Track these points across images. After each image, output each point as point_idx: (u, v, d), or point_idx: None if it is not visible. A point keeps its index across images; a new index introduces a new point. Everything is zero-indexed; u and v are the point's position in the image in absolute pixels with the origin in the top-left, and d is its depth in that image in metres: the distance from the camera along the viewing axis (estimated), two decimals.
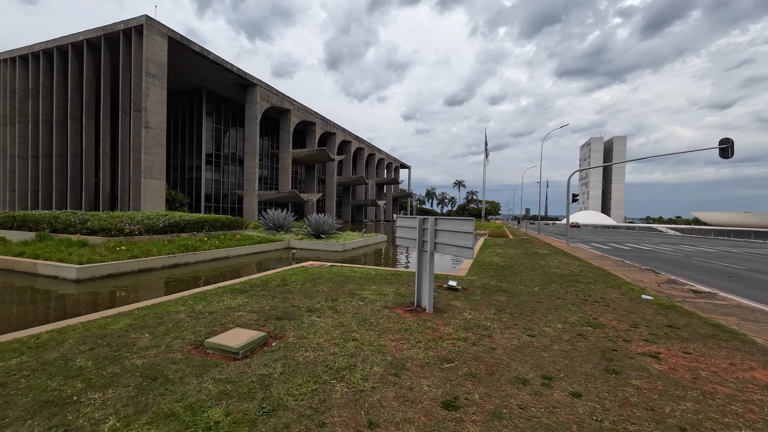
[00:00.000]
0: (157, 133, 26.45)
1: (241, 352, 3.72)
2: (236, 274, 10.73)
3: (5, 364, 3.39)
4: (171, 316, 5.03)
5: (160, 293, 8.06)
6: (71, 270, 8.66)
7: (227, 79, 34.92)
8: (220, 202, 39.96)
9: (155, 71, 25.88)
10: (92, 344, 3.94)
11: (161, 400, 2.81)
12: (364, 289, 7.12)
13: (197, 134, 37.79)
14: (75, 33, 28.37)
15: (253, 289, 6.91)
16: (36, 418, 2.53)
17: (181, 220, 15.75)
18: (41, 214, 15.15)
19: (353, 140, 59.77)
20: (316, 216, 18.60)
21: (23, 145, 31.74)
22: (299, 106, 43.76)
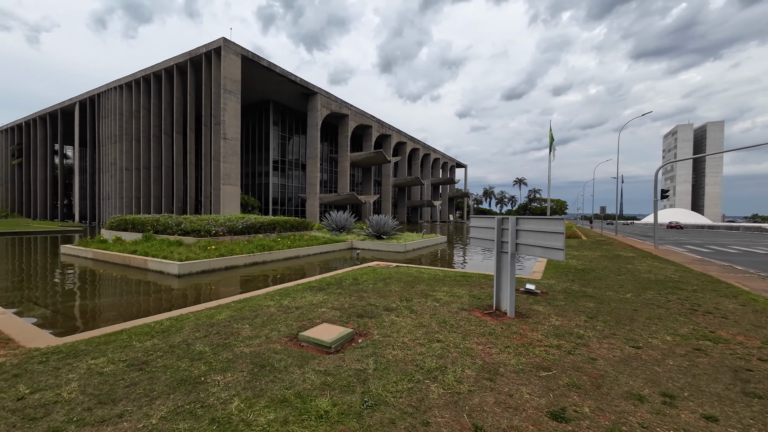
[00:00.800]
0: (233, 144, 29.18)
1: (333, 346, 3.91)
2: (309, 273, 11.37)
3: (143, 345, 3.97)
4: (263, 309, 5.48)
5: (247, 288, 8.84)
6: (174, 266, 9.91)
7: (291, 90, 37.30)
8: (285, 205, 42.79)
9: (231, 87, 28.60)
10: (205, 332, 4.44)
11: (273, 386, 3.06)
12: (435, 290, 7.06)
13: (265, 143, 40.94)
14: (167, 59, 32.55)
15: (329, 287, 7.25)
16: (176, 393, 2.92)
17: (257, 222, 17.14)
18: (146, 217, 17.58)
19: (408, 141, 59.92)
20: (377, 217, 18.95)
21: (129, 159, 37.23)
22: (356, 111, 45.09)
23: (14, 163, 53.67)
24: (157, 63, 33.59)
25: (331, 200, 42.14)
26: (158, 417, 2.57)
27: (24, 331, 4.60)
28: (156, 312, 6.55)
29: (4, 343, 4.10)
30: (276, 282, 9.47)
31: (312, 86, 37.20)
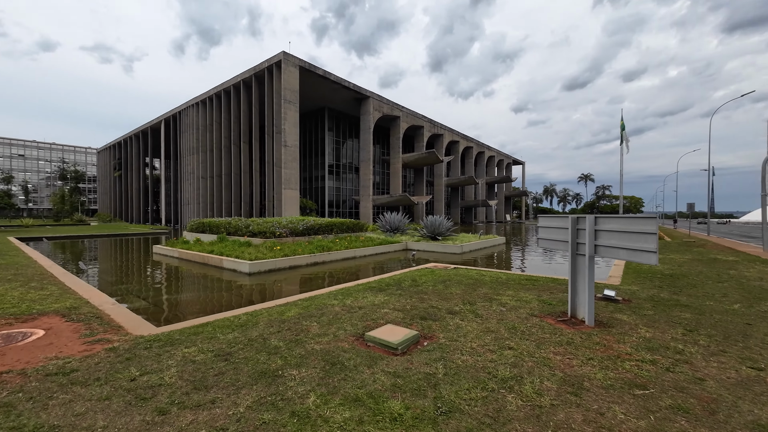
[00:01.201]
0: (293, 150, 30.94)
1: (399, 348, 3.89)
2: (367, 273, 11.58)
3: (226, 338, 4.32)
4: (329, 308, 5.67)
5: (311, 287, 9.26)
6: (245, 265, 10.75)
7: (345, 96, 38.53)
8: (340, 207, 44.27)
9: (290, 97, 30.39)
10: (278, 327, 4.71)
11: (345, 384, 3.11)
12: (499, 293, 6.72)
13: (321, 148, 42.79)
14: (234, 76, 35.63)
15: (389, 288, 7.28)
16: (258, 384, 3.11)
17: (315, 224, 17.93)
18: (219, 221, 19.36)
19: (461, 140, 58.44)
20: (432, 218, 18.71)
21: (204, 168, 41.42)
22: (407, 112, 45.14)
23: (116, 175, 62.82)
24: (226, 80, 36.92)
25: (384, 202, 42.63)
26: (245, 406, 2.76)
27: (131, 320, 5.28)
28: (233, 307, 7.12)
29: (116, 329, 4.75)
30: (336, 282, 9.78)
31: (364, 91, 38.05)
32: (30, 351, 3.90)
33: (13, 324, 4.86)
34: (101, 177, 72.62)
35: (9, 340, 4.25)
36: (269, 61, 31.53)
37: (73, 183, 65.23)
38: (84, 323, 4.93)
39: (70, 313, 5.40)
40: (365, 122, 39.62)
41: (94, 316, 5.31)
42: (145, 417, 2.61)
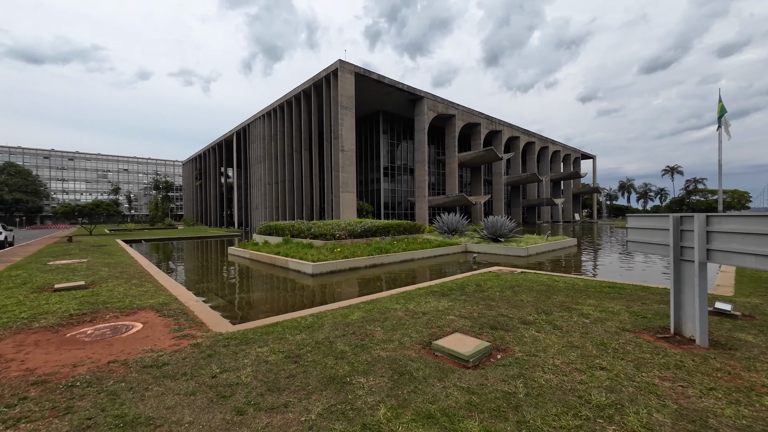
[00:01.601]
0: (350, 155, 31.83)
1: (471, 360, 3.60)
2: (426, 276, 11.32)
3: (294, 339, 4.42)
4: (391, 313, 5.55)
5: (371, 289, 9.30)
6: (308, 266, 11.19)
7: (398, 98, 38.67)
8: (395, 209, 44.46)
9: (347, 103, 31.32)
10: (342, 331, 4.71)
11: (415, 398, 2.93)
12: (578, 303, 6.02)
13: (376, 151, 43.45)
14: (295, 88, 37.82)
15: (451, 292, 6.96)
16: (327, 390, 3.07)
17: (373, 226, 18.13)
18: (284, 224, 20.57)
19: (521, 135, 55.11)
20: (493, 218, 17.78)
21: (269, 175, 44.61)
22: (463, 110, 43.83)
23: (197, 184, 70.67)
24: (288, 92, 39.36)
25: (440, 202, 41.83)
26: (316, 413, 2.72)
27: (211, 317, 5.72)
28: (299, 307, 7.37)
29: (199, 326, 5.15)
30: (396, 284, 9.69)
31: (418, 91, 37.80)
32: (131, 343, 4.37)
33: (119, 317, 5.54)
34: (186, 186, 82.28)
35: (116, 332, 4.83)
36: (326, 70, 32.87)
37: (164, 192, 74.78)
38: (173, 318, 5.44)
39: (162, 309, 6.02)
40: (419, 123, 39.32)
41: (181, 312, 5.85)
42: (225, 416, 2.70)
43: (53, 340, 4.50)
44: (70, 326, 5.07)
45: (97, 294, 7.02)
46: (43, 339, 4.52)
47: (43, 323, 5.10)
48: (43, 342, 4.41)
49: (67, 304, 6.19)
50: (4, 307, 5.97)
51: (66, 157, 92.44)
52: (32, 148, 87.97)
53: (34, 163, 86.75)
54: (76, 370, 3.48)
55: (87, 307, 6.01)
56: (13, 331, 4.78)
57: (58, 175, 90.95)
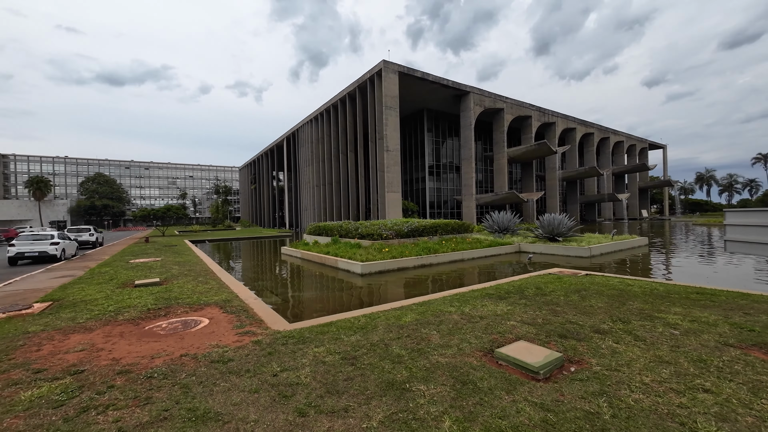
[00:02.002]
0: (395, 154, 31.83)
1: (542, 372, 3.27)
2: (478, 277, 10.86)
3: (349, 340, 4.38)
4: (446, 316, 5.32)
5: (420, 290, 9.12)
6: (357, 266, 11.28)
7: (443, 95, 37.89)
8: (441, 208, 43.65)
9: (391, 103, 31.36)
10: (396, 333, 4.58)
11: (482, 411, 2.71)
12: (661, 310, 5.30)
13: (420, 149, 43.01)
14: (340, 91, 38.72)
15: (509, 295, 6.53)
16: (387, 397, 2.96)
17: (420, 225, 17.88)
18: (332, 224, 21.09)
19: (578, 126, 51.16)
20: (550, 216, 16.61)
21: (317, 177, 46.21)
22: (512, 103, 41.77)
23: (252, 188, 75.52)
24: (333, 96, 40.42)
25: (488, 200, 40.26)
26: (377, 420, 2.62)
27: (268, 314, 5.92)
28: (350, 307, 7.42)
29: (258, 323, 5.35)
30: (446, 285, 9.39)
31: (463, 86, 36.74)
32: (199, 337, 4.64)
33: (188, 312, 5.95)
34: (242, 190, 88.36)
35: (186, 326, 5.18)
36: (370, 72, 33.20)
37: (223, 196, 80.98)
38: (235, 315, 5.72)
39: (225, 306, 6.37)
40: (465, 119, 38.18)
41: (242, 309, 6.14)
42: (288, 416, 2.70)
43: (135, 332, 4.94)
44: (148, 320, 5.54)
45: (169, 290, 7.66)
46: (127, 331, 4.98)
47: (126, 316, 5.64)
48: (127, 333, 4.86)
49: (145, 299, 6.81)
50: (95, 301, 6.73)
51: (143, 167, 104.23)
52: (116, 160, 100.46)
53: (118, 173, 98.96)
54: (153, 362, 3.75)
55: (162, 302, 6.56)
56: (102, 322, 5.34)
57: (137, 183, 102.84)
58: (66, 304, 6.59)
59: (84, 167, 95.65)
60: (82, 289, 7.97)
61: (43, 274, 11.10)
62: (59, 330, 4.95)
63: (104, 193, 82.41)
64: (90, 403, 2.89)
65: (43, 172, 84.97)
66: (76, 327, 5.10)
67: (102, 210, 79.59)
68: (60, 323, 5.29)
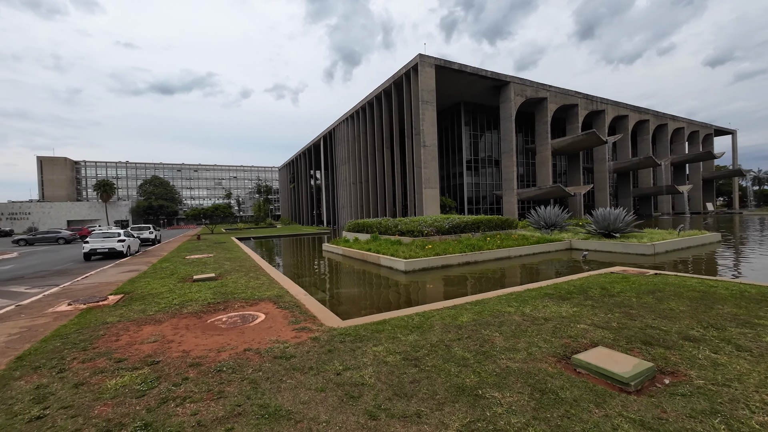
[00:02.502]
0: (432, 150, 31.31)
1: (632, 384, 2.92)
2: (529, 276, 10.32)
3: (407, 339, 4.24)
4: (506, 317, 5.01)
5: (470, 289, 8.80)
6: (401, 263, 11.15)
7: (481, 86, 36.63)
8: (479, 204, 42.39)
9: (428, 98, 30.84)
10: (455, 334, 4.37)
11: (572, 426, 2.43)
12: (760, 316, 4.63)
13: (458, 144, 41.99)
14: (375, 89, 38.73)
15: (571, 296, 6.05)
16: (459, 403, 2.77)
17: (461, 221, 17.38)
18: (372, 221, 21.15)
19: (630, 113, 47.29)
20: (604, 211, 15.42)
21: (353, 175, 46.73)
22: (556, 91, 39.45)
23: (291, 187, 78.17)
24: (369, 93, 40.54)
25: (531, 195, 38.46)
26: (455, 429, 2.44)
27: (320, 311, 5.95)
28: (399, 304, 7.30)
29: (312, 319, 5.37)
30: (494, 283, 9.00)
31: (503, 76, 35.26)
32: (258, 332, 4.74)
33: (245, 307, 6.14)
34: (281, 189, 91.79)
35: (245, 321, 5.32)
36: (406, 66, 32.84)
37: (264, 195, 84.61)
38: (289, 311, 5.80)
39: (278, 301, 6.50)
40: (505, 110, 36.65)
41: (294, 305, 6.23)
42: (359, 419, 2.60)
43: (198, 325, 5.15)
44: (209, 313, 5.77)
45: (225, 285, 7.99)
46: (191, 323, 5.21)
47: (190, 309, 5.92)
48: (192, 326, 5.08)
49: (204, 293, 7.14)
50: (160, 294, 7.17)
51: (192, 169, 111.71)
52: (169, 163, 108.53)
53: (171, 175, 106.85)
54: (220, 356, 3.84)
55: (219, 296, 6.84)
56: (169, 315, 5.64)
57: (187, 184, 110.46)
58: (136, 296, 7.09)
59: (142, 170, 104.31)
60: (147, 283, 8.56)
61: (113, 268, 12.12)
62: (133, 321, 5.30)
63: (160, 194, 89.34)
64: (168, 394, 2.99)
65: (108, 176, 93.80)
66: (147, 319, 5.43)
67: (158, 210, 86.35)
68: (133, 315, 5.67)
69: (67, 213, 73.50)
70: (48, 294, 7.99)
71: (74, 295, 7.67)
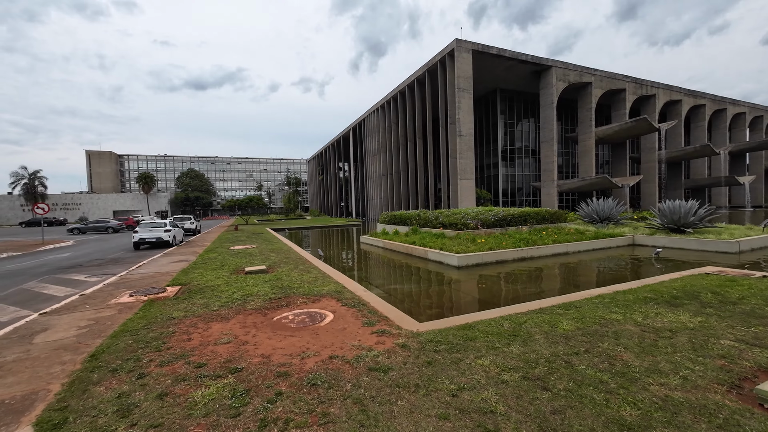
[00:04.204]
0: (468, 140, 30.08)
1: None
2: (600, 275, 9.39)
3: (509, 350, 3.62)
4: (616, 325, 4.28)
5: (537, 288, 8.04)
6: (453, 258, 10.49)
7: (519, 72, 34.67)
8: (514, 196, 40.63)
9: (464, 85, 29.52)
10: (566, 347, 3.70)
11: None
12: None
13: (493, 133, 40.25)
14: (408, 77, 37.66)
15: (679, 301, 5.19)
16: None
17: (507, 214, 16.41)
18: (409, 213, 20.52)
19: (684, 97, 43.40)
20: (673, 203, 13.95)
21: (383, 166, 46.13)
22: (602, 75, 36.73)
23: (320, 179, 78.81)
24: (401, 82, 39.52)
25: (573, 187, 36.32)
26: None
27: (389, 310, 5.44)
28: (466, 303, 6.70)
29: (384, 320, 4.87)
30: (564, 282, 8.18)
31: (544, 60, 33.15)
32: (334, 334, 4.28)
33: (308, 303, 5.75)
34: (310, 181, 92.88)
35: (313, 320, 4.91)
36: (441, 53, 31.57)
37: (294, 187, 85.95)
38: (356, 309, 5.34)
39: (339, 297, 6.07)
40: (546, 96, 34.55)
41: (358, 302, 5.76)
42: None
43: (266, 323, 4.79)
44: (272, 309, 5.42)
45: (278, 278, 7.69)
46: (258, 321, 4.85)
47: (253, 306, 5.60)
48: (260, 324, 4.72)
49: (261, 287, 6.85)
50: (218, 287, 6.95)
51: (225, 162, 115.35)
52: (203, 156, 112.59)
53: (205, 168, 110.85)
54: (305, 364, 3.40)
55: (278, 291, 6.51)
56: (233, 311, 5.34)
57: (221, 177, 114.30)
58: (193, 289, 6.91)
59: (179, 163, 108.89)
60: (201, 274, 8.43)
61: (163, 258, 12.29)
62: (199, 317, 5.02)
63: (195, 186, 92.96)
64: (266, 414, 2.56)
65: (148, 169, 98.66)
66: (212, 315, 5.14)
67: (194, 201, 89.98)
68: (197, 309, 5.41)
69: (113, 204, 78.11)
70: (107, 283, 8.03)
71: (132, 285, 7.64)
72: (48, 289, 8.17)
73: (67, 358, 3.78)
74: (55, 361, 3.73)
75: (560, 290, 7.66)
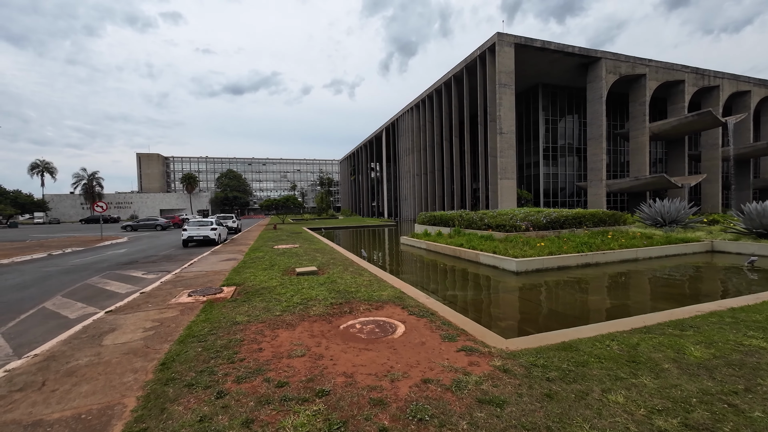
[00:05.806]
0: (509, 137, 28.75)
1: None
2: (687, 286, 8.29)
3: (641, 383, 2.96)
4: (765, 355, 3.46)
5: (614, 298, 7.17)
6: (511, 263, 9.71)
7: (564, 65, 32.72)
8: (556, 197, 38.49)
9: (505, 80, 28.24)
10: (711, 381, 2.99)
11: None
12: None
13: (534, 131, 38.37)
14: (445, 74, 36.73)
15: None
16: None
17: (560, 216, 15.25)
18: (451, 213, 19.75)
19: (754, 87, 39.11)
20: (759, 205, 12.27)
21: (417, 166, 45.41)
22: (657, 66, 33.85)
23: (351, 179, 79.37)
24: (437, 80, 38.64)
25: (625, 186, 33.77)
26: None
27: (463, 321, 4.87)
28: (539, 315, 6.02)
29: (463, 333, 4.33)
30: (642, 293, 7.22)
31: (593, 52, 31.05)
32: (414, 350, 3.80)
33: (371, 311, 5.32)
34: (342, 181, 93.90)
35: (384, 331, 4.45)
36: (480, 48, 30.44)
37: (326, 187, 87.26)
38: (427, 319, 4.84)
39: (402, 304, 5.59)
40: (594, 90, 32.35)
41: (425, 311, 5.26)
42: None
43: (334, 332, 4.40)
44: (336, 316, 5.04)
45: (333, 281, 7.35)
46: (326, 330, 4.48)
47: (315, 311, 5.25)
48: (328, 334, 4.34)
49: (317, 290, 6.52)
50: (274, 289, 6.71)
51: (261, 163, 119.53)
52: (241, 158, 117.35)
53: (242, 168, 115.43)
54: (399, 390, 2.93)
55: (337, 295, 6.14)
56: (297, 317, 5.01)
57: (257, 177, 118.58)
58: (249, 290, 6.72)
59: (219, 164, 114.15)
60: (253, 274, 8.30)
61: (212, 256, 12.46)
62: (264, 323, 4.73)
63: (234, 186, 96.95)
64: None
65: (191, 170, 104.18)
66: (276, 321, 4.84)
67: (233, 200, 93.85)
68: (259, 314, 5.14)
69: (159, 202, 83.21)
70: (164, 281, 8.08)
71: (188, 284, 7.62)
72: (110, 285, 8.37)
73: (138, 365, 3.57)
74: (127, 368, 3.53)
75: (651, 304, 6.73)
